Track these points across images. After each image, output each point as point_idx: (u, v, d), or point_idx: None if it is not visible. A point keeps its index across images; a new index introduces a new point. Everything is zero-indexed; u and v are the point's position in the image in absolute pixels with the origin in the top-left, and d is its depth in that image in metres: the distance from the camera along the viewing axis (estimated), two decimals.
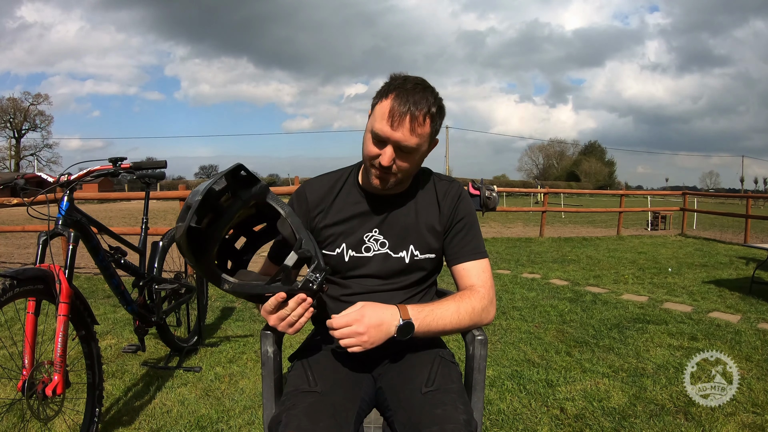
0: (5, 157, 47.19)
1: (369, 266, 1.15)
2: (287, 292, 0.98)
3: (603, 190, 38.27)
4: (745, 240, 8.38)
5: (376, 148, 1.06)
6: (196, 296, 2.89)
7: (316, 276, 0.98)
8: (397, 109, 1.01)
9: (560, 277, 5.14)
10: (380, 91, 1.07)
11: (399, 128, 1.02)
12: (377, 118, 1.04)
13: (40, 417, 1.53)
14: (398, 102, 1.02)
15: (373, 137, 1.06)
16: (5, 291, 1.41)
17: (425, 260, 1.17)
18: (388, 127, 1.02)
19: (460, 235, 1.18)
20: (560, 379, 2.42)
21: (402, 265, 1.16)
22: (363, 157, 1.11)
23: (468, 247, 1.17)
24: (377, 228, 1.16)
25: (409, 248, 1.16)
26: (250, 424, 1.98)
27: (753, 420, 1.99)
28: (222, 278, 1.01)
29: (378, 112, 1.04)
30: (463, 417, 0.96)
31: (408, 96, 1.02)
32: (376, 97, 1.07)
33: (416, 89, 1.03)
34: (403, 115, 1.01)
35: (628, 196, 11.47)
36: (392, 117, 1.01)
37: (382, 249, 1.15)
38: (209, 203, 0.96)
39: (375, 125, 1.04)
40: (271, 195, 1.04)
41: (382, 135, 1.03)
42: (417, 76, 1.08)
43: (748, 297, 4.16)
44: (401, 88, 1.03)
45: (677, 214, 11.34)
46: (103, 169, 1.90)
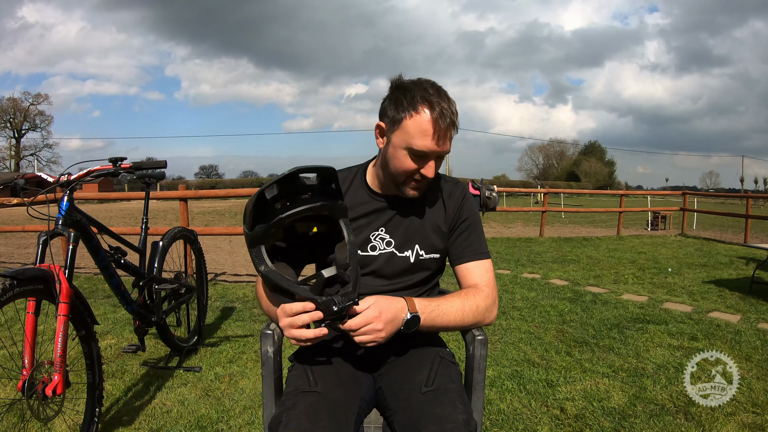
0: (5, 157, 47.24)
1: (374, 265, 1.15)
2: (312, 301, 0.96)
3: (603, 190, 38.28)
4: (745, 240, 8.38)
5: (416, 162, 1.06)
6: (196, 296, 2.89)
7: (343, 301, 0.95)
8: (439, 124, 1.01)
9: (560, 277, 5.14)
10: (402, 105, 1.04)
11: (443, 141, 1.03)
12: (415, 135, 1.03)
13: (40, 417, 1.53)
14: (437, 115, 1.01)
15: (411, 154, 1.05)
16: (5, 291, 1.41)
17: (430, 260, 1.18)
18: (432, 144, 1.03)
19: (464, 236, 1.19)
20: (560, 379, 2.42)
21: (407, 264, 1.16)
22: (394, 171, 1.09)
23: (471, 247, 1.18)
24: (383, 227, 1.16)
25: (415, 248, 1.16)
26: (250, 424, 1.98)
27: (753, 420, 1.99)
28: (262, 257, 0.99)
29: (413, 128, 1.03)
30: (462, 417, 0.96)
31: (441, 105, 1.02)
32: (398, 110, 1.05)
33: (440, 94, 1.04)
34: (447, 127, 1.02)
35: (628, 196, 11.47)
36: (436, 133, 1.02)
37: (387, 248, 1.16)
38: (290, 188, 0.95)
39: (415, 143, 1.03)
40: (346, 220, 1.04)
41: (426, 151, 1.03)
42: (424, 78, 1.08)
43: (748, 297, 4.16)
44: (428, 98, 1.02)
45: (677, 214, 11.34)
46: (103, 169, 1.90)
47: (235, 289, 4.44)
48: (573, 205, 22.52)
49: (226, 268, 5.74)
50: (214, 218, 14.14)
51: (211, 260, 6.02)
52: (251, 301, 4.03)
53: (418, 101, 1.02)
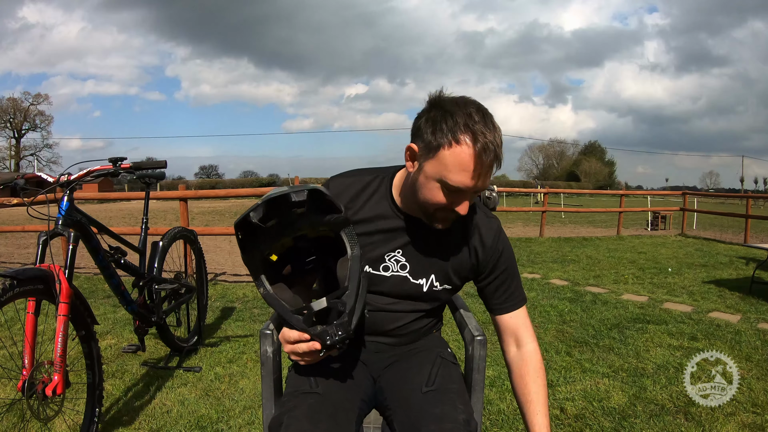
0: (5, 157, 47.24)
1: (384, 285, 1.09)
2: (306, 332, 0.93)
3: (603, 190, 38.28)
4: (745, 240, 8.38)
5: (449, 197, 0.94)
6: (196, 296, 2.89)
7: (339, 333, 0.90)
8: (482, 159, 0.89)
9: (560, 277, 5.14)
10: (441, 131, 0.90)
11: (484, 179, 0.91)
12: (452, 168, 0.90)
13: (40, 417, 1.53)
14: (480, 149, 0.88)
15: (445, 188, 0.93)
16: (5, 291, 1.41)
17: (443, 291, 1.12)
18: (471, 181, 0.91)
19: (504, 286, 1.11)
20: (560, 379, 2.42)
21: (419, 291, 1.10)
22: (423, 202, 0.98)
23: (513, 297, 1.12)
24: (401, 249, 1.08)
25: (430, 278, 1.09)
26: (250, 424, 1.98)
27: (753, 420, 1.99)
28: (261, 280, 0.96)
29: (451, 161, 0.90)
30: (462, 416, 0.96)
31: (486, 137, 0.88)
32: (436, 136, 0.90)
33: (486, 121, 0.90)
34: (490, 165, 0.90)
35: (628, 196, 11.47)
36: (477, 170, 0.89)
37: (401, 272, 1.08)
38: (280, 207, 0.90)
39: (451, 177, 0.91)
40: (349, 230, 0.97)
41: (463, 188, 0.92)
42: (466, 98, 0.94)
43: (748, 297, 4.16)
44: (472, 127, 0.89)
45: (677, 214, 11.34)
46: (103, 169, 1.91)
47: (235, 289, 4.44)
48: (573, 205, 22.53)
49: (226, 268, 5.74)
50: (214, 218, 14.14)
51: (211, 260, 6.02)
52: (251, 301, 4.03)
53: (460, 129, 0.89)
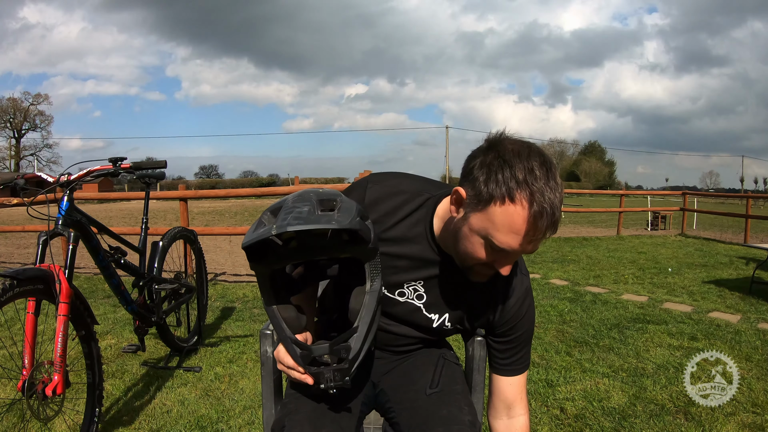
0: (5, 157, 47.21)
1: (394, 309, 1.04)
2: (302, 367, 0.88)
3: (603, 190, 38.28)
4: (745, 240, 8.38)
5: (491, 255, 0.85)
6: (196, 296, 2.89)
7: (336, 378, 0.86)
8: (537, 225, 0.78)
9: (560, 277, 5.14)
10: (493, 179, 0.79)
11: (534, 243, 0.81)
12: (500, 228, 0.80)
13: (40, 417, 1.53)
14: (537, 213, 0.77)
15: (489, 246, 0.84)
16: (5, 291, 1.41)
17: (452, 330, 1.08)
18: (520, 246, 0.81)
19: (513, 350, 1.05)
20: (560, 379, 2.42)
21: (428, 325, 1.05)
22: (463, 253, 0.89)
23: (518, 362, 1.06)
24: (423, 281, 1.01)
25: (444, 316, 1.04)
26: (250, 424, 1.98)
27: (753, 420, 1.99)
28: (269, 293, 0.89)
29: (500, 221, 0.79)
30: (468, 418, 0.96)
31: (545, 198, 0.77)
32: (488, 186, 0.79)
33: (549, 178, 0.78)
34: (544, 231, 0.79)
35: (628, 196, 11.47)
36: (529, 235, 0.79)
37: (416, 301, 1.03)
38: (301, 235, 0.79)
39: (498, 238, 0.81)
40: (374, 261, 0.89)
41: (509, 251, 0.82)
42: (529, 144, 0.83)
43: (748, 297, 4.16)
44: (531, 185, 0.77)
45: (677, 214, 11.34)
46: (103, 169, 1.90)
47: (235, 289, 4.44)
48: (573, 205, 22.52)
49: (226, 268, 5.74)
50: (214, 218, 14.14)
51: (211, 260, 6.02)
52: (251, 301, 4.03)
53: (518, 186, 0.77)
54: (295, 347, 0.88)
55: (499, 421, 1.07)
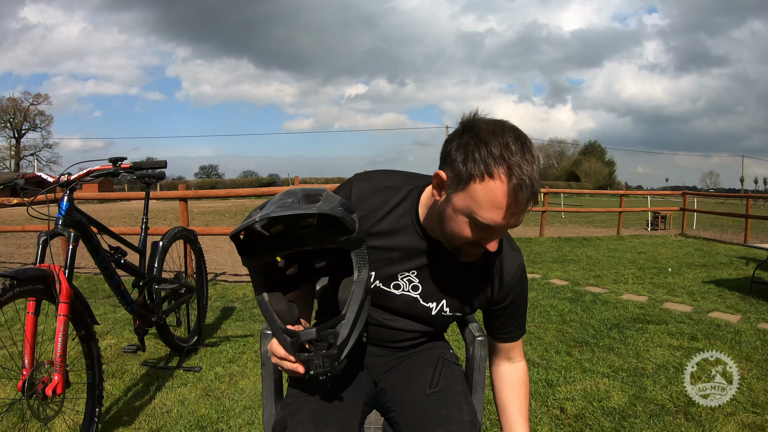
0: (5, 157, 47.24)
1: (393, 303, 1.06)
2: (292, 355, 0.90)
3: (603, 190, 38.28)
4: (745, 240, 8.38)
5: (477, 233, 0.87)
6: (196, 296, 2.89)
7: (325, 364, 0.87)
8: (518, 197, 0.81)
9: (560, 277, 5.14)
10: (474, 160, 0.81)
11: (517, 216, 0.84)
12: (483, 205, 0.82)
13: (40, 417, 1.53)
14: (516, 185, 0.80)
15: (474, 224, 0.86)
16: (5, 291, 1.41)
17: (451, 317, 1.10)
18: (503, 220, 0.83)
19: (511, 320, 1.10)
20: (560, 379, 2.42)
21: (427, 315, 1.07)
22: (449, 234, 0.91)
23: (516, 329, 1.11)
24: (416, 270, 1.03)
25: (441, 303, 1.06)
26: (250, 424, 1.98)
27: (753, 420, 1.99)
28: (260, 285, 0.91)
29: (482, 198, 0.82)
30: (467, 418, 0.96)
31: (523, 171, 0.80)
32: (466, 165, 0.82)
33: (524, 151, 0.81)
34: (525, 202, 0.82)
35: (628, 196, 11.47)
36: (512, 208, 0.82)
37: (412, 293, 1.05)
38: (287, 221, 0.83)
39: (481, 214, 0.83)
40: (360, 251, 0.89)
41: (494, 226, 0.84)
42: (505, 122, 0.86)
43: (748, 297, 4.16)
44: (508, 159, 0.80)
45: (677, 214, 11.34)
46: (103, 169, 1.90)
47: (235, 289, 4.44)
48: (573, 205, 22.53)
49: (226, 268, 5.74)
50: (214, 218, 14.14)
51: (211, 260, 6.02)
52: (251, 301, 4.03)
53: (495, 162, 0.80)
54: (285, 336, 0.89)
55: (500, 366, 1.14)
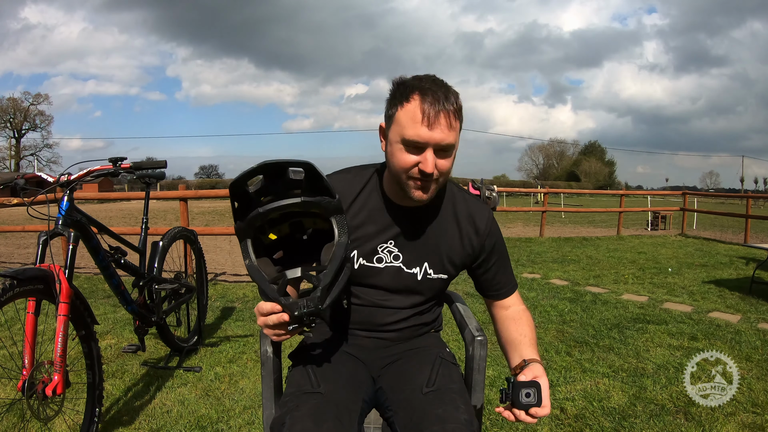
0: (5, 157, 47.22)
1: (379, 278, 1.11)
2: (277, 302, 0.93)
3: (603, 190, 38.28)
4: (745, 240, 8.37)
5: (413, 155, 0.97)
6: (196, 296, 2.89)
7: (309, 306, 0.90)
8: (429, 109, 0.94)
9: (560, 277, 5.14)
10: (396, 98, 0.99)
11: (436, 128, 0.94)
12: (406, 124, 0.96)
13: (40, 417, 1.53)
14: (428, 102, 0.94)
15: (406, 146, 0.97)
16: (5, 291, 1.41)
17: (437, 280, 1.13)
18: (425, 130, 0.94)
19: (499, 275, 1.17)
20: (560, 379, 2.42)
21: (414, 281, 1.12)
22: (396, 170, 1.01)
23: (507, 285, 1.18)
24: (393, 240, 1.10)
25: (423, 266, 1.11)
26: (250, 424, 1.98)
27: (753, 420, 1.99)
28: (247, 250, 0.95)
29: (404, 118, 0.96)
30: (464, 417, 0.96)
31: (435, 92, 0.95)
32: (392, 105, 0.99)
33: (437, 85, 0.97)
34: (438, 113, 0.94)
35: (628, 196, 11.47)
36: (427, 118, 0.94)
37: (395, 262, 1.11)
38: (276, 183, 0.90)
39: (406, 132, 0.96)
40: (340, 218, 0.96)
41: (419, 141, 0.95)
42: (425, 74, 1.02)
43: (748, 297, 4.16)
44: (421, 88, 0.96)
45: (677, 214, 11.34)
46: (103, 169, 1.90)
47: (235, 289, 4.44)
48: (573, 205, 22.53)
49: (226, 268, 5.74)
50: (214, 218, 14.14)
51: (211, 260, 6.02)
52: (251, 301, 4.03)
53: (410, 90, 0.96)
54: (271, 285, 0.93)
55: (500, 311, 1.19)
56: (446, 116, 0.95)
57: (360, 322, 1.15)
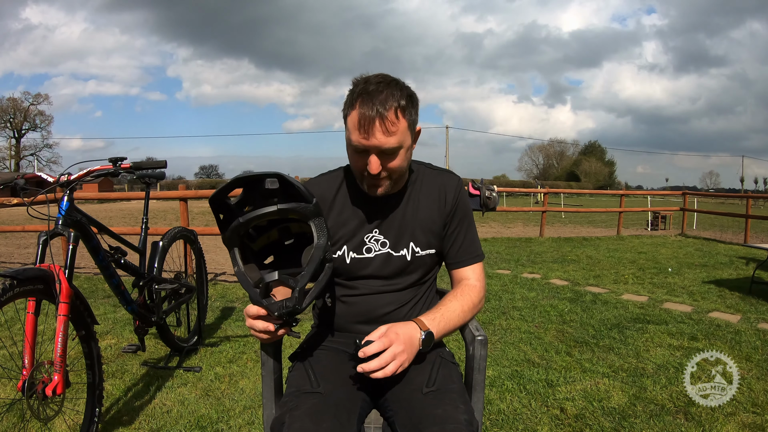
0: (5, 157, 47.22)
1: (371, 267, 1.15)
2: (259, 305, 0.97)
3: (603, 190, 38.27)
4: (745, 240, 8.38)
5: (361, 158, 1.05)
6: (196, 296, 2.89)
7: (287, 306, 0.95)
8: (364, 116, 0.99)
9: (560, 277, 5.14)
10: (347, 102, 1.05)
11: (372, 135, 1.00)
12: (351, 130, 1.03)
13: (40, 417, 1.53)
14: (364, 108, 1.00)
15: (353, 150, 1.05)
16: (5, 291, 1.41)
17: (426, 256, 1.18)
18: (361, 138, 1.01)
19: (459, 238, 1.19)
20: (560, 379, 2.42)
21: (404, 263, 1.16)
22: (352, 170, 1.11)
23: (467, 251, 1.20)
24: (377, 228, 1.16)
25: (410, 245, 1.16)
26: (250, 424, 1.98)
27: (753, 420, 1.99)
28: (235, 258, 1.01)
29: (350, 124, 1.03)
30: (464, 417, 0.96)
31: (372, 98, 1.00)
32: (345, 108, 1.05)
33: (379, 88, 1.01)
34: (372, 119, 0.99)
35: (628, 196, 11.47)
36: (362, 125, 1.00)
37: (383, 249, 1.15)
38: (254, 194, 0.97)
39: (351, 137, 1.03)
40: (319, 221, 1.00)
41: (360, 146, 1.02)
42: (378, 73, 1.06)
43: (748, 297, 4.16)
44: (364, 92, 1.01)
45: (677, 214, 11.34)
46: (103, 169, 1.90)
47: (235, 289, 4.44)
48: (573, 205, 22.52)
49: (226, 268, 5.74)
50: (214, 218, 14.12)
51: (211, 260, 6.02)
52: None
53: (355, 98, 1.02)
54: (255, 289, 0.98)
55: (455, 279, 1.22)
56: (381, 122, 0.99)
57: (360, 314, 1.17)
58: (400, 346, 0.98)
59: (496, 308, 3.79)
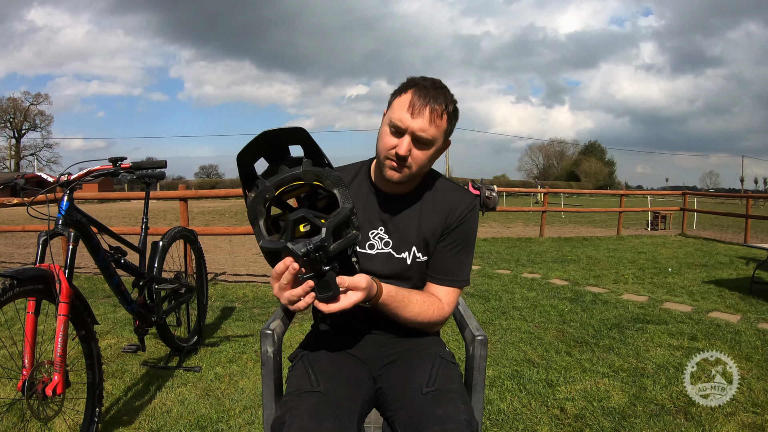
0: (5, 157, 47.22)
1: (372, 264, 1.16)
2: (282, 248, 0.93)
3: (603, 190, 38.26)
4: (745, 240, 8.37)
5: (394, 138, 1.07)
6: (196, 296, 2.89)
7: (315, 242, 0.91)
8: (417, 100, 1.05)
9: (560, 277, 5.14)
10: (398, 89, 1.10)
11: (418, 117, 1.04)
12: (396, 109, 1.07)
13: (40, 417, 1.53)
14: (418, 95, 1.05)
15: (391, 128, 1.08)
16: (5, 291, 1.41)
17: (425, 261, 1.18)
18: (408, 116, 1.05)
19: (448, 256, 1.17)
20: (560, 379, 2.42)
21: (404, 266, 1.16)
22: (378, 150, 1.12)
23: (451, 273, 1.17)
24: (383, 227, 1.17)
25: (412, 250, 1.16)
26: (250, 424, 1.98)
27: (753, 420, 1.99)
28: (260, 231, 0.97)
29: (396, 104, 1.08)
30: (464, 417, 0.96)
31: (428, 91, 1.06)
32: (394, 94, 1.10)
33: (435, 86, 1.08)
34: (423, 106, 1.05)
35: (628, 196, 11.47)
36: (412, 106, 1.05)
37: (385, 248, 1.16)
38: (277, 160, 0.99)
39: (393, 116, 1.07)
40: (343, 189, 0.98)
41: (401, 125, 1.05)
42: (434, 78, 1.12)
43: (748, 297, 4.16)
44: (420, 84, 1.07)
45: (677, 214, 11.34)
46: (103, 169, 1.90)
47: (235, 289, 4.44)
48: (573, 205, 22.51)
49: (226, 268, 5.74)
50: (214, 218, 14.13)
51: (211, 260, 6.02)
52: (251, 301, 4.03)
53: (410, 85, 1.08)
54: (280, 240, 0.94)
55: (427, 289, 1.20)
56: (431, 111, 1.05)
57: (360, 312, 1.14)
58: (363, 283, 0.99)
59: (496, 308, 3.79)
